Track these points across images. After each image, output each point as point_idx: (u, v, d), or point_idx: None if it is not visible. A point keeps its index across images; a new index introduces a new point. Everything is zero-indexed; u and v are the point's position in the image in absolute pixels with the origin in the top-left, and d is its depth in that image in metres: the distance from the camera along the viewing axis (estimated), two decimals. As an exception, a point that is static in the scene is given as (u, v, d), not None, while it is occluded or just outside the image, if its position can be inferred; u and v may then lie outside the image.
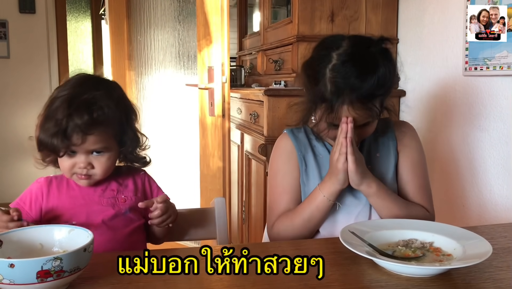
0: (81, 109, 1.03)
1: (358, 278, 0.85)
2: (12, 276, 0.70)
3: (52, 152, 1.06)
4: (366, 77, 1.02)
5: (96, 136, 1.05)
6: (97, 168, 1.09)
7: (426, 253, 0.91)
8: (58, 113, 1.03)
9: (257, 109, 2.18)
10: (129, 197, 1.14)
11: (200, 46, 2.54)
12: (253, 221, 2.43)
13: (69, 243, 0.84)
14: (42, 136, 1.04)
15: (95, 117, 1.03)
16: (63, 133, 1.02)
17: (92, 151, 1.07)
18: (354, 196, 1.16)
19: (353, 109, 1.05)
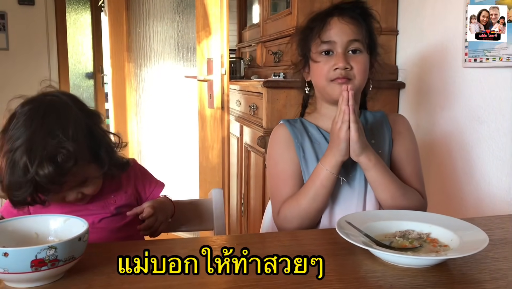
0: (44, 163, 0.92)
1: (355, 269, 0.85)
2: (6, 265, 0.70)
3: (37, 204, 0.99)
4: (350, 1, 1.19)
5: (71, 179, 0.98)
6: (89, 192, 1.04)
7: (423, 244, 0.91)
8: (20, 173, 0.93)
9: (256, 101, 2.17)
10: (118, 196, 1.11)
11: (199, 38, 2.53)
12: (252, 213, 2.43)
13: (65, 232, 0.84)
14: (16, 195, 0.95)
15: (61, 165, 0.94)
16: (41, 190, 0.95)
17: (81, 182, 1.02)
18: (350, 186, 1.16)
19: (342, 18, 1.15)
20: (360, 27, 1.16)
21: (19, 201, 0.96)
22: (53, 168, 0.92)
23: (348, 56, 1.15)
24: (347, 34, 1.15)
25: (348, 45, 1.15)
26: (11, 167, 0.93)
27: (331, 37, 1.15)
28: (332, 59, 1.15)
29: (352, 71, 1.14)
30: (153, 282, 0.78)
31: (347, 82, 1.13)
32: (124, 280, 0.78)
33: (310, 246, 0.96)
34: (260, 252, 0.92)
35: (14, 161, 0.93)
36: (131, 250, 0.91)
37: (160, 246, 0.97)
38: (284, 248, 0.95)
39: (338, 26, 1.15)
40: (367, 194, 1.16)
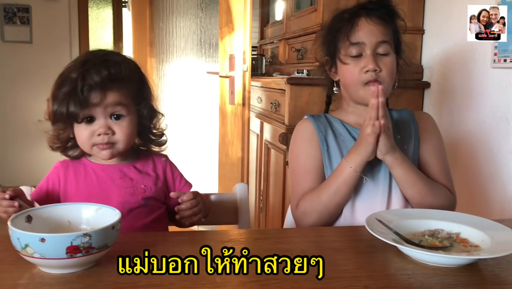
0: (98, 65, 0.98)
1: (384, 266, 0.84)
2: (42, 250, 0.71)
3: (69, 119, 1.01)
4: (376, 1, 1.18)
5: (115, 93, 1.01)
6: (118, 134, 1.03)
7: (453, 244, 0.90)
8: (71, 75, 0.99)
9: (278, 98, 2.17)
10: (148, 187, 1.09)
11: (222, 34, 2.53)
12: (270, 210, 2.43)
13: (96, 221, 0.85)
14: (56, 105, 0.99)
15: (113, 72, 0.99)
16: (80, 93, 0.97)
17: (111, 115, 1.03)
18: (374, 181, 1.15)
19: (370, 19, 1.14)
20: (387, 28, 1.16)
21: (60, 107, 0.99)
22: (105, 70, 0.98)
23: (376, 57, 1.15)
24: (375, 35, 1.14)
25: (377, 47, 1.14)
26: (63, 80, 1.00)
27: (360, 39, 1.14)
28: (361, 61, 1.15)
29: (382, 73, 1.14)
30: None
31: (378, 84, 1.13)
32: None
33: (337, 243, 0.95)
34: (286, 247, 0.92)
35: (67, 74, 1.00)
36: (159, 241, 0.92)
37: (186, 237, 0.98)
38: (310, 244, 0.96)
39: (366, 27, 1.15)
40: (392, 189, 1.15)
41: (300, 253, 0.87)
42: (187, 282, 0.75)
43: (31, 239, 0.71)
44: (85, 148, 1.06)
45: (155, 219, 1.10)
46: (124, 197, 1.06)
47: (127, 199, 1.06)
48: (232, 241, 0.95)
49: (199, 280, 0.76)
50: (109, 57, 1.02)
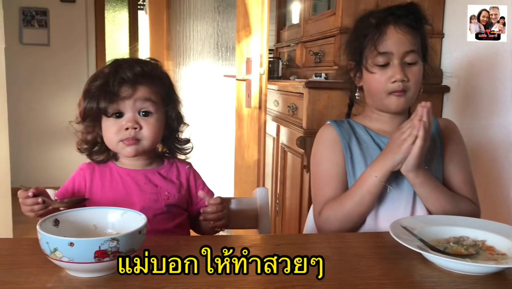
0: (131, 62, 1.03)
1: (409, 273, 0.84)
2: (71, 254, 0.71)
3: (98, 114, 1.03)
4: (404, 5, 1.16)
5: (145, 88, 1.04)
6: (145, 129, 1.05)
7: (479, 251, 0.89)
8: (104, 71, 1.03)
9: (296, 102, 2.17)
10: (172, 194, 1.11)
11: (239, 37, 2.54)
12: (287, 213, 2.42)
13: (122, 225, 0.86)
14: (88, 100, 1.02)
15: (145, 70, 1.03)
16: (112, 85, 1.00)
17: (140, 111, 1.05)
18: (399, 188, 1.14)
19: (398, 28, 1.12)
20: (415, 36, 1.14)
21: (90, 102, 1.02)
22: (138, 67, 1.02)
23: (404, 67, 1.13)
24: (404, 45, 1.12)
25: (405, 56, 1.12)
26: (95, 79, 1.04)
27: (388, 48, 1.12)
28: (388, 71, 1.13)
29: (408, 83, 1.13)
30: (210, 277, 0.78)
31: (404, 94, 1.13)
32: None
33: (360, 249, 0.95)
34: (309, 252, 0.91)
35: (99, 73, 1.04)
36: (182, 246, 0.92)
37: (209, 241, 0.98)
38: (333, 250, 0.95)
39: (395, 37, 1.12)
40: (416, 197, 1.14)
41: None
42: (212, 287, 0.75)
43: (60, 243, 0.71)
44: (111, 144, 1.07)
45: (177, 225, 1.12)
46: (147, 203, 1.07)
47: (151, 205, 1.08)
48: (255, 246, 0.95)
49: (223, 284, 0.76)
50: (142, 59, 1.08)
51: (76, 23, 4.46)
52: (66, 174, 1.20)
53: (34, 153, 4.41)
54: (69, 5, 4.42)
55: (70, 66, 4.45)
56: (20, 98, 4.21)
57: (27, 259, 0.84)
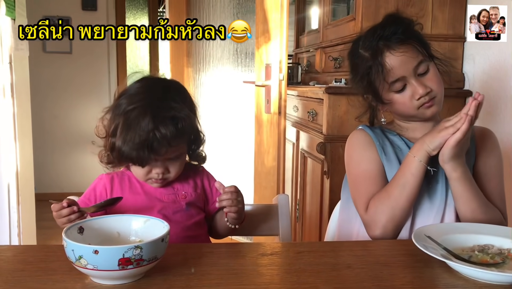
0: (167, 122, 1.04)
1: (433, 282, 0.83)
2: (96, 262, 0.72)
3: (135, 163, 1.08)
4: (385, 23, 1.13)
5: (178, 146, 1.09)
6: (172, 172, 1.12)
7: (505, 260, 0.87)
8: (141, 124, 1.04)
9: (316, 107, 2.16)
10: (189, 193, 1.16)
11: (259, 44, 2.54)
12: (307, 219, 2.41)
13: (145, 233, 0.87)
14: (126, 148, 1.05)
15: (179, 129, 1.06)
16: (150, 146, 1.04)
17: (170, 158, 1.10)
18: (430, 199, 1.13)
19: (394, 51, 1.10)
20: (413, 47, 1.11)
21: (129, 152, 1.05)
22: (174, 128, 1.04)
23: (420, 79, 1.11)
24: (410, 63, 1.10)
25: (416, 70, 1.11)
26: (131, 123, 1.05)
27: (397, 75, 1.10)
28: (408, 91, 1.12)
29: (433, 92, 1.11)
30: (231, 285, 0.79)
31: (433, 102, 1.12)
32: (203, 283, 0.79)
33: (384, 257, 0.94)
34: (332, 261, 0.91)
35: (135, 117, 1.04)
36: (205, 253, 0.93)
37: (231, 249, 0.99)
38: (356, 258, 0.94)
39: (397, 60, 1.10)
40: (446, 207, 1.12)
41: (345, 268, 0.87)
42: None
43: (85, 251, 0.73)
44: (140, 179, 1.13)
45: (196, 223, 1.15)
46: (167, 203, 1.13)
47: (170, 205, 1.13)
48: (277, 253, 0.95)
49: None
50: (175, 110, 1.06)
51: (98, 31, 4.53)
52: (89, 180, 1.23)
53: (57, 159, 4.48)
54: (90, 13, 4.50)
55: (92, 73, 4.52)
56: (43, 105, 4.29)
57: (53, 266, 0.85)
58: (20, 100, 2.42)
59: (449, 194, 1.13)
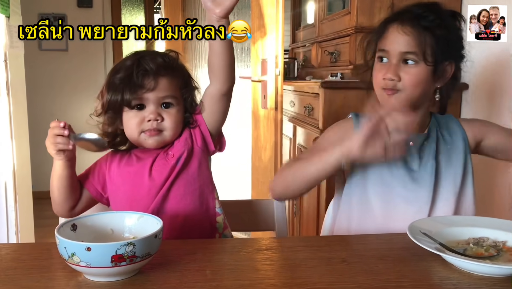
0: (152, 54, 1.04)
1: (428, 275, 0.83)
2: (88, 259, 0.72)
3: (121, 106, 1.04)
4: (424, 4, 1.12)
5: (167, 81, 1.05)
6: (167, 121, 1.06)
7: (500, 252, 0.87)
8: (126, 63, 1.04)
9: (312, 102, 2.16)
10: (176, 149, 1.09)
11: (254, 39, 2.54)
12: (304, 214, 2.42)
13: (139, 229, 0.86)
14: (111, 92, 1.04)
15: (166, 60, 1.05)
16: (135, 77, 1.01)
17: (162, 103, 1.06)
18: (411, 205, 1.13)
19: (402, 28, 1.10)
20: (420, 38, 1.09)
21: (113, 95, 1.03)
22: (161, 60, 1.04)
23: (400, 66, 1.10)
24: (401, 45, 1.10)
25: (402, 56, 1.10)
26: (117, 70, 1.05)
27: (385, 46, 1.12)
28: (384, 68, 1.12)
29: (401, 83, 1.10)
30: (226, 280, 0.79)
31: (394, 93, 1.10)
32: (197, 278, 0.79)
33: (379, 251, 0.94)
34: (327, 255, 0.91)
35: (121, 65, 1.05)
36: (200, 249, 0.93)
37: (226, 244, 0.99)
38: (351, 252, 0.94)
39: (393, 35, 1.11)
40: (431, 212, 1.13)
41: (340, 262, 0.87)
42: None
43: (77, 248, 0.72)
44: (133, 135, 1.08)
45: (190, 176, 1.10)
46: (160, 165, 1.08)
47: (162, 170, 1.08)
48: (272, 248, 0.95)
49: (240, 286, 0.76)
50: (162, 52, 1.09)
51: (94, 27, 4.51)
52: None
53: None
54: (86, 10, 4.48)
55: (88, 71, 4.50)
56: (40, 103, 4.27)
57: (46, 263, 0.85)
58: (16, 99, 2.41)
59: (437, 200, 1.13)
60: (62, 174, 1.03)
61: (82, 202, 1.10)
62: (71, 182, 1.05)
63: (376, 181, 1.15)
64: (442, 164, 1.15)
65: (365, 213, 1.16)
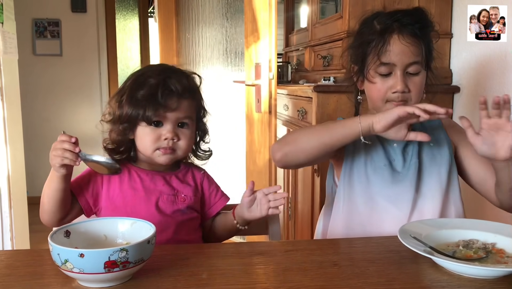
0: (178, 74, 1.06)
1: (418, 278, 0.84)
2: (81, 266, 0.73)
3: (140, 121, 1.06)
4: (410, 11, 1.14)
5: (188, 103, 1.08)
6: (182, 140, 1.09)
7: (489, 254, 0.89)
8: (150, 80, 1.05)
9: (305, 106, 2.17)
10: (188, 196, 1.13)
11: (248, 43, 2.55)
12: (299, 217, 2.42)
13: (132, 235, 0.87)
14: (132, 107, 1.05)
15: (190, 83, 1.07)
16: (160, 97, 1.03)
17: (179, 123, 1.08)
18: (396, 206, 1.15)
19: (402, 38, 1.10)
20: (419, 46, 1.12)
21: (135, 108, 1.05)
22: (185, 80, 1.07)
23: (406, 77, 1.12)
24: (407, 57, 1.11)
25: (407, 67, 1.12)
26: (140, 82, 1.07)
27: (391, 59, 1.11)
28: (389, 80, 1.12)
29: (409, 94, 1.12)
30: (218, 285, 0.79)
31: (403, 104, 1.11)
32: (190, 283, 0.80)
33: (370, 254, 0.95)
34: (319, 259, 0.92)
35: (144, 77, 1.07)
36: (193, 254, 0.93)
37: (218, 249, 0.99)
38: (343, 255, 0.96)
39: (399, 47, 1.11)
40: (413, 213, 1.15)
41: (331, 265, 0.88)
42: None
43: (70, 254, 0.73)
44: (147, 151, 1.09)
45: (192, 225, 1.15)
46: (166, 203, 1.10)
47: (169, 206, 1.10)
48: (264, 253, 0.95)
49: None
50: (184, 71, 1.12)
51: (88, 32, 4.51)
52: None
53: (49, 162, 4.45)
54: (80, 15, 4.48)
55: (83, 75, 4.50)
56: (34, 108, 4.27)
57: (40, 270, 0.85)
58: (10, 104, 2.41)
59: (419, 201, 1.15)
60: (58, 186, 1.01)
61: (72, 214, 1.08)
62: (65, 195, 1.03)
63: (362, 183, 1.17)
64: (425, 162, 1.17)
65: (352, 215, 1.18)
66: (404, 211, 1.14)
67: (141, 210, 1.07)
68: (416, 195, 1.15)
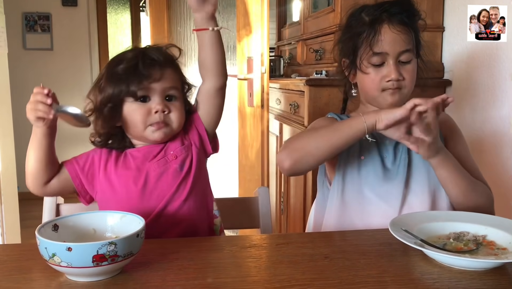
0: (154, 47, 1.04)
1: (409, 270, 0.84)
2: (69, 259, 0.72)
3: (123, 98, 1.01)
4: (397, 1, 1.14)
5: (172, 72, 1.04)
6: (173, 113, 1.05)
7: (480, 247, 0.89)
8: (127, 55, 1.02)
9: (298, 100, 2.17)
10: (177, 150, 1.07)
11: (240, 37, 2.54)
12: (292, 211, 2.43)
13: (121, 228, 0.86)
14: (113, 85, 1.00)
15: (169, 54, 1.05)
16: (141, 67, 0.99)
17: (166, 96, 1.04)
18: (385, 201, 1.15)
19: (393, 27, 1.11)
20: (409, 34, 1.13)
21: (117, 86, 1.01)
22: (164, 52, 1.04)
23: (399, 66, 1.13)
24: (399, 45, 1.12)
25: (400, 55, 1.12)
26: (118, 62, 1.03)
27: (383, 49, 1.12)
28: (383, 70, 1.13)
29: (404, 81, 1.13)
30: (209, 278, 0.79)
31: (398, 91, 1.13)
32: (180, 277, 0.79)
33: (361, 246, 0.95)
34: (310, 252, 0.92)
35: (121, 57, 1.03)
36: (183, 247, 0.93)
37: (209, 243, 0.99)
38: (334, 248, 0.95)
39: (390, 36, 1.11)
40: (403, 207, 1.15)
41: (322, 258, 0.88)
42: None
43: (58, 248, 0.72)
44: (138, 130, 1.04)
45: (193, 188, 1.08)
46: (160, 168, 1.05)
47: (163, 170, 1.05)
48: (255, 246, 0.95)
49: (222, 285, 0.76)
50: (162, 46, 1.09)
51: (79, 26, 4.48)
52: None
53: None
54: (71, 9, 4.45)
55: (74, 69, 4.47)
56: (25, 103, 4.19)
57: (27, 264, 0.84)
58: (1, 99, 2.39)
59: (408, 196, 1.15)
60: (40, 142, 0.98)
61: (58, 180, 1.04)
62: (49, 153, 0.99)
63: (354, 179, 1.17)
64: (415, 158, 1.17)
65: (344, 211, 1.17)
66: (394, 207, 1.14)
67: (138, 187, 1.04)
68: (405, 190, 1.15)
